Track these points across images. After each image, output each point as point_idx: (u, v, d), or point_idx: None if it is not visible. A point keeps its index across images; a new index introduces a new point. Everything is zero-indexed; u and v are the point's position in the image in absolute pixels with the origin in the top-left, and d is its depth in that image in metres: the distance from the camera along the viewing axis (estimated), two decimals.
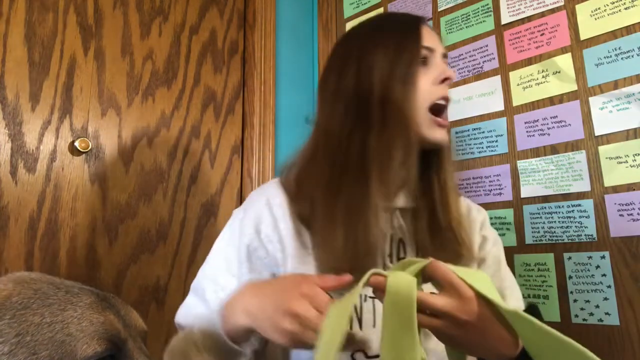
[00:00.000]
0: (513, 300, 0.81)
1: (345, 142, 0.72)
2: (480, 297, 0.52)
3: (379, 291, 0.54)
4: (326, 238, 0.70)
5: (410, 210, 0.77)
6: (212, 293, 0.74)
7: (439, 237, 0.75)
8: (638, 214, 1.04)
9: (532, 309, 0.72)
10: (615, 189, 1.08)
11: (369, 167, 0.70)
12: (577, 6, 1.19)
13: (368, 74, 0.73)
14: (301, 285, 0.57)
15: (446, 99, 0.77)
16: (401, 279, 0.52)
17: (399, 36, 0.76)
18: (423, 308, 0.52)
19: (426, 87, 0.75)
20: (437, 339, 0.57)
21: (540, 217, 1.18)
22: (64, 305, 0.40)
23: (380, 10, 1.62)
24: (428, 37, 0.78)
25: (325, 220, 0.70)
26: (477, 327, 0.52)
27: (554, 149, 1.18)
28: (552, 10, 1.23)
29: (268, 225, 0.75)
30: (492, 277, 0.81)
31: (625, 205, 1.06)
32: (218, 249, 0.79)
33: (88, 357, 0.38)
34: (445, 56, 0.80)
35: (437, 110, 0.77)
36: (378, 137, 0.71)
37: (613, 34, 1.13)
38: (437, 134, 0.76)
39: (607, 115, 1.11)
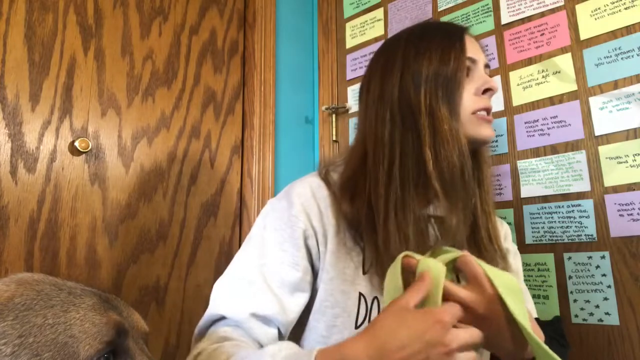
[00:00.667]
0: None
1: (399, 152, 0.73)
2: (499, 298, 0.54)
3: (409, 272, 0.56)
4: (391, 247, 0.69)
5: (448, 216, 0.74)
6: (277, 288, 0.71)
7: (478, 246, 0.75)
8: (638, 214, 1.04)
9: (555, 322, 0.73)
10: (615, 189, 1.08)
11: (430, 177, 0.71)
12: (577, 6, 1.19)
13: (412, 85, 0.74)
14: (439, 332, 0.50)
15: (488, 110, 0.77)
16: (431, 265, 0.54)
17: (443, 46, 0.75)
18: (446, 297, 0.54)
19: (469, 97, 0.75)
20: None
21: (540, 217, 1.18)
22: (67, 307, 0.40)
23: (380, 10, 1.62)
24: (471, 48, 0.78)
25: (389, 229, 0.70)
26: (493, 324, 0.54)
27: (554, 149, 1.18)
28: (552, 10, 1.24)
29: (315, 216, 0.75)
30: None
31: (625, 205, 1.06)
32: (266, 239, 0.75)
33: (90, 358, 0.38)
34: (487, 66, 0.80)
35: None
36: (432, 152, 0.71)
37: (613, 34, 1.13)
38: (484, 131, 0.76)
39: (607, 115, 1.11)
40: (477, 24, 1.37)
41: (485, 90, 0.77)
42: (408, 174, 0.72)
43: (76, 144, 1.16)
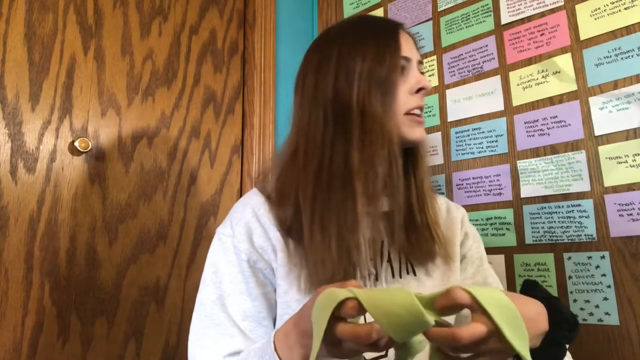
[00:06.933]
0: None
1: (329, 152, 0.72)
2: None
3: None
4: (315, 247, 0.70)
5: (389, 212, 0.76)
6: (242, 321, 0.72)
7: (415, 235, 0.76)
8: (638, 214, 1.04)
9: (531, 284, 0.71)
10: (615, 189, 1.08)
11: (354, 179, 0.71)
12: (577, 6, 1.19)
13: (346, 84, 0.73)
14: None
15: (421, 108, 0.77)
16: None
17: (377, 45, 0.75)
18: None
19: (402, 96, 0.75)
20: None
21: (540, 217, 1.18)
22: None
23: (380, 10, 1.62)
24: (406, 46, 0.77)
25: (314, 229, 0.70)
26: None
27: (553, 149, 1.18)
28: (552, 10, 1.24)
29: (260, 236, 0.75)
30: (475, 273, 0.84)
31: (625, 205, 1.06)
32: (220, 274, 0.75)
33: None
34: (420, 62, 0.80)
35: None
36: (360, 151, 0.71)
37: (613, 34, 1.13)
38: (416, 133, 0.76)
39: (607, 115, 1.11)
40: (477, 24, 1.37)
41: (419, 90, 0.76)
42: (336, 174, 0.71)
43: (76, 144, 1.16)
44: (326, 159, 0.72)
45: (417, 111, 0.76)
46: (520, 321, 0.48)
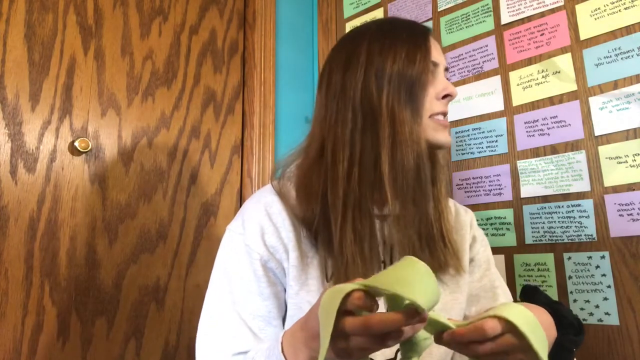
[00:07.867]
0: (504, 298, 0.84)
1: (358, 152, 0.72)
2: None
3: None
4: (346, 247, 0.69)
5: (401, 217, 0.74)
6: (252, 320, 0.72)
7: (430, 245, 0.75)
8: (638, 214, 1.04)
9: (531, 290, 0.72)
10: (615, 189, 1.08)
11: (384, 181, 0.70)
12: (577, 6, 1.19)
13: (375, 85, 0.72)
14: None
15: (445, 114, 0.77)
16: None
17: (408, 46, 0.74)
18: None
19: (429, 100, 0.75)
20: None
21: (540, 217, 1.18)
22: None
23: (380, 10, 1.62)
24: (435, 51, 0.77)
25: (346, 229, 0.70)
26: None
27: (553, 149, 1.18)
28: (552, 10, 1.24)
29: (271, 235, 0.74)
30: (482, 277, 0.85)
31: (625, 205, 1.06)
32: (230, 273, 0.75)
33: None
34: (447, 69, 0.80)
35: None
36: (390, 153, 0.71)
37: (613, 34, 1.13)
38: (441, 136, 0.75)
39: (607, 115, 1.11)
40: (477, 24, 1.37)
41: (445, 96, 0.76)
42: (366, 174, 0.71)
43: (76, 144, 1.16)
44: (356, 159, 0.72)
45: (440, 116, 0.76)
46: (543, 334, 0.50)
